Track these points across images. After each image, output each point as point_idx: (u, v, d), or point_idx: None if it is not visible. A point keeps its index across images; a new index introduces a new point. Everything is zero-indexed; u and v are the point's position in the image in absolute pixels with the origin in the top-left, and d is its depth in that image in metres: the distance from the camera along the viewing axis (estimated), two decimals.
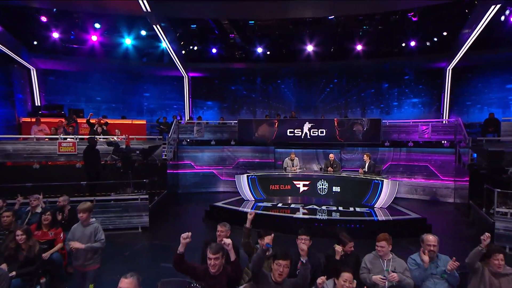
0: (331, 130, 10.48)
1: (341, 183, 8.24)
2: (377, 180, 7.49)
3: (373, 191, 7.55)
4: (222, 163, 11.39)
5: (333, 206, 7.59)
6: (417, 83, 12.99)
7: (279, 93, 14.36)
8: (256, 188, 8.39)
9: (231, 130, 11.30)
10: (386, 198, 7.29)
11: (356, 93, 13.80)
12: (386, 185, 7.31)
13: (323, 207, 7.53)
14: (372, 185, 7.58)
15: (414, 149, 10.41)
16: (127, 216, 6.56)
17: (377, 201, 7.45)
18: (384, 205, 7.36)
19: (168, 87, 14.24)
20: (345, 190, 8.15)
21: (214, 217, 7.32)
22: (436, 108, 12.68)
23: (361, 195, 7.81)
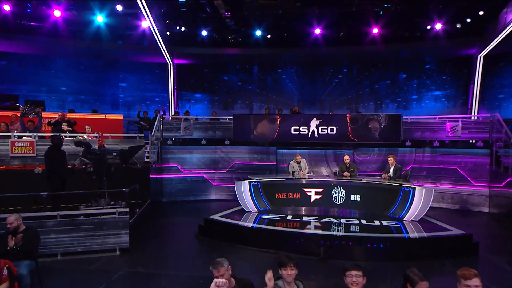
0: (343, 127, 10.05)
1: (362, 191, 7.75)
2: (407, 188, 6.99)
3: (402, 201, 7.05)
4: (214, 166, 10.89)
5: (353, 219, 7.05)
6: (440, 73, 12.79)
7: (280, 85, 14.01)
8: (259, 197, 7.80)
9: (225, 128, 10.81)
10: (419, 210, 6.80)
11: (369, 85, 13.55)
12: (419, 194, 6.81)
13: (342, 219, 6.99)
14: (401, 193, 7.08)
15: (440, 150, 10.06)
16: (101, 235, 5.84)
17: (406, 213, 6.95)
18: (415, 218, 6.87)
19: (149, 76, 13.63)
20: (367, 199, 7.66)
21: (210, 233, 6.75)
22: (462, 102, 12.48)
23: (386, 206, 7.32)
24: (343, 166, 8.74)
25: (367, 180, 7.86)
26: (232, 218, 7.15)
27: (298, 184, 8.15)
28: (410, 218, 6.90)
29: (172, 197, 10.52)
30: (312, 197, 8.09)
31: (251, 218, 7.24)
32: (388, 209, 7.27)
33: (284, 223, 6.81)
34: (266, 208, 7.83)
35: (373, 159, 10.70)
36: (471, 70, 11.92)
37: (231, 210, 7.91)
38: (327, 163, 10.96)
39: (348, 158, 8.70)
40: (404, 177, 8.01)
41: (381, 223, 6.69)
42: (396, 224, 6.62)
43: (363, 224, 6.68)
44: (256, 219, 7.15)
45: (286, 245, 5.90)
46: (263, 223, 6.79)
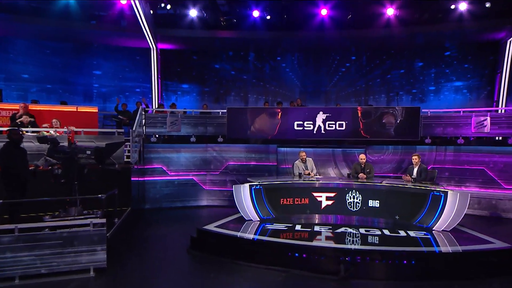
0: (354, 122, 9.70)
1: (381, 195, 7.31)
2: (437, 192, 6.55)
3: (431, 207, 6.61)
4: (205, 167, 10.43)
5: (373, 229, 6.61)
6: (462, 61, 12.53)
7: (279, 74, 13.66)
8: (262, 202, 7.30)
9: (217, 123, 10.36)
10: (452, 218, 6.37)
11: (380, 75, 13.26)
12: (453, 199, 6.37)
13: (360, 229, 6.54)
14: (430, 199, 6.64)
15: (465, 148, 9.71)
16: (71, 252, 5.20)
17: (436, 222, 6.53)
18: (447, 228, 6.45)
19: (129, 63, 13.06)
20: (387, 205, 7.23)
21: (205, 247, 6.22)
22: (487, 94, 12.22)
23: (411, 213, 6.90)
24: (357, 167, 8.30)
25: (387, 183, 7.39)
26: (230, 228, 6.67)
27: (307, 188, 7.69)
28: (441, 228, 6.48)
29: (157, 204, 10.03)
30: (323, 202, 7.64)
31: (253, 228, 6.77)
32: (414, 217, 6.84)
33: (292, 234, 6.37)
34: (270, 216, 7.36)
35: (387, 159, 10.34)
36: (497, 57, 11.68)
37: (229, 218, 7.43)
38: (335, 164, 10.57)
39: (364, 158, 8.25)
40: (431, 179, 7.57)
41: (407, 234, 6.26)
42: (425, 235, 6.22)
43: (387, 235, 6.27)
44: (258, 229, 6.68)
45: (296, 262, 5.42)
46: (266, 234, 6.35)
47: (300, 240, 5.97)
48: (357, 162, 8.46)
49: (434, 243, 5.89)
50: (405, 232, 6.34)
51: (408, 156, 9.94)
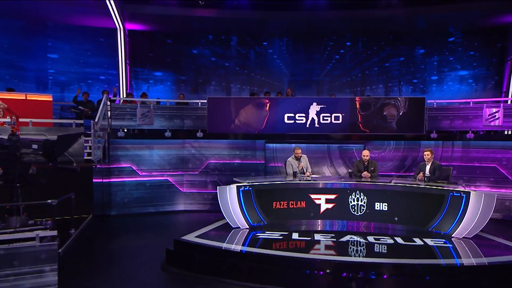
0: (351, 114, 9.32)
1: (390, 197, 6.79)
2: (457, 192, 6.04)
3: (450, 211, 6.11)
4: (182, 167, 9.87)
5: (383, 236, 6.08)
6: (467, 47, 12.25)
7: (266, 62, 13.14)
8: (251, 206, 6.65)
9: (196, 115, 9.80)
10: (475, 224, 5.88)
11: (377, 63, 12.92)
12: (476, 201, 5.86)
13: (368, 237, 6.01)
14: (449, 201, 6.13)
15: (474, 143, 9.44)
16: (10, 275, 4.34)
17: (456, 228, 6.04)
18: (468, 235, 5.96)
19: (92, 45, 12.16)
20: (397, 209, 6.72)
21: (184, 262, 5.52)
22: (494, 84, 12.02)
23: (426, 217, 6.41)
24: (360, 164, 7.77)
25: (397, 183, 6.84)
26: (213, 238, 5.99)
27: (303, 189, 7.09)
28: (462, 235, 5.98)
29: (125, 209, 9.31)
30: (322, 206, 7.06)
31: (241, 237, 6.12)
32: (429, 222, 6.32)
33: (289, 244, 5.76)
34: (261, 222, 6.71)
35: (388, 156, 10.00)
36: (506, 44, 11.49)
37: (212, 226, 6.74)
38: (331, 161, 10.14)
39: (368, 154, 7.72)
40: (445, 178, 7.09)
41: (424, 242, 5.74)
42: (443, 244, 5.71)
43: (401, 244, 5.72)
44: (247, 238, 6.04)
45: (295, 279, 4.83)
46: (257, 244, 5.71)
47: (299, 252, 5.36)
48: (359, 159, 7.94)
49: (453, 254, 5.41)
50: (421, 240, 5.84)
51: (412, 153, 9.80)
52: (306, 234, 6.26)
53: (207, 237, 6.01)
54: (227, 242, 5.83)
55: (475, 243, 5.78)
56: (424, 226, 6.33)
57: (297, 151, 7.82)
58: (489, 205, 5.79)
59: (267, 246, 5.65)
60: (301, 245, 5.79)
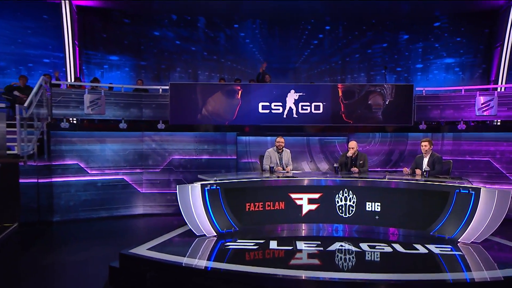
0: (333, 103, 8.69)
1: (383, 196, 5.93)
2: (465, 189, 5.20)
3: (455, 211, 5.29)
4: (141, 163, 8.93)
5: (379, 243, 5.18)
6: (453, 33, 11.76)
7: (237, 46, 12.29)
8: (220, 209, 5.61)
9: (157, 104, 8.88)
10: (486, 227, 5.08)
11: (359, 49, 12.26)
12: (488, 199, 5.05)
13: (361, 244, 5.11)
14: (454, 199, 5.29)
15: (466, 135, 8.90)
16: None
17: (463, 232, 5.23)
18: (477, 239, 5.15)
19: (33, 23, 10.76)
20: (392, 209, 5.86)
21: (132, 283, 4.47)
22: (482, 73, 11.61)
23: (427, 219, 5.57)
24: (344, 157, 6.87)
25: (390, 179, 5.94)
26: (172, 250, 4.92)
27: (282, 187, 6.09)
28: (470, 240, 5.15)
29: (71, 214, 8.16)
30: (304, 207, 6.10)
31: (206, 248, 5.07)
32: (431, 224, 5.46)
33: (265, 256, 4.81)
34: (231, 228, 5.67)
35: (374, 150, 9.35)
36: (494, 29, 11.11)
37: (171, 234, 5.66)
38: (311, 156, 9.41)
39: (356, 146, 6.82)
40: (446, 173, 6.28)
41: (428, 249, 4.89)
42: (449, 251, 4.88)
43: (402, 253, 4.82)
44: (214, 250, 5.02)
45: None
46: (226, 257, 4.71)
47: (278, 267, 4.31)
48: (345, 152, 7.04)
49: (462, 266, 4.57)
50: (423, 247, 4.99)
51: (399, 146, 9.28)
52: (287, 242, 5.30)
53: (163, 249, 4.91)
54: (189, 255, 4.74)
55: (486, 249, 4.98)
56: (425, 229, 5.47)
57: (280, 141, 6.87)
58: (503, 204, 4.98)
59: (238, 259, 4.67)
60: (281, 257, 4.84)
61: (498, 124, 9.01)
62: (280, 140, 6.83)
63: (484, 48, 11.45)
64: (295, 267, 4.54)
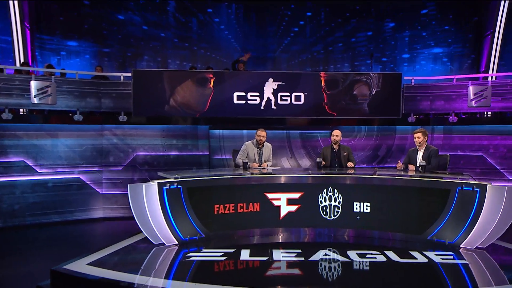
0: (315, 94, 8.15)
1: (373, 195, 5.26)
2: (468, 186, 4.56)
3: (457, 212, 4.65)
4: (101, 161, 8.15)
5: (370, 251, 4.49)
6: (441, 21, 11.29)
7: (211, 33, 11.57)
8: (182, 212, 4.83)
9: (118, 93, 8.06)
10: (493, 230, 4.45)
11: (343, 38, 11.70)
12: (496, 197, 4.42)
13: (349, 253, 4.41)
14: (456, 198, 4.64)
15: (457, 128, 8.47)
16: None
17: (466, 235, 4.60)
18: (482, 244, 4.52)
19: None
20: (384, 210, 5.19)
21: None
22: (471, 63, 11.19)
23: (424, 221, 4.93)
24: (327, 151, 6.21)
25: (382, 175, 5.25)
26: (119, 265, 4.09)
27: (257, 186, 5.33)
28: (474, 245, 4.51)
29: (15, 219, 7.23)
30: (283, 208, 5.35)
31: (164, 261, 4.25)
32: (429, 227, 4.80)
33: (236, 270, 4.06)
34: (196, 235, 4.86)
35: (359, 145, 8.80)
36: (484, 17, 10.75)
37: (124, 243, 4.84)
38: (291, 152, 8.78)
39: (340, 135, 6.18)
40: (443, 168, 5.64)
41: (428, 257, 4.24)
42: (452, 260, 4.27)
43: (396, 262, 4.15)
44: (174, 263, 4.21)
45: None
46: (188, 274, 3.93)
47: (250, 286, 3.56)
48: (327, 145, 6.40)
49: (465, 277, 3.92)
50: (421, 255, 4.34)
51: (386, 141, 8.73)
52: (261, 250, 4.56)
53: (109, 263, 4.08)
54: (142, 272, 3.89)
55: (493, 256, 4.36)
56: (421, 233, 4.80)
57: (261, 135, 6.11)
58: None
59: (202, 275, 3.91)
60: (254, 270, 4.09)
61: (492, 116, 8.61)
62: (262, 134, 6.07)
63: (473, 37, 11.10)
64: (270, 283, 3.78)
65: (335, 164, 6.09)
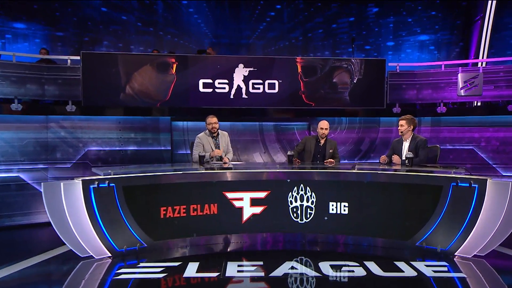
0: (291, 81, 7.57)
1: (353, 193, 4.49)
2: (464, 182, 3.84)
3: (451, 213, 3.95)
4: (46, 157, 7.40)
5: (348, 262, 3.73)
6: (428, 6, 10.73)
7: (179, 18, 10.82)
8: (116, 217, 4.02)
9: (64, 79, 7.24)
10: (494, 233, 3.73)
11: (323, 23, 11.03)
12: (498, 195, 3.71)
13: (322, 265, 3.64)
14: (449, 196, 3.93)
15: (446, 119, 7.98)
16: None
17: (462, 241, 3.90)
18: (482, 251, 3.85)
19: None
20: (364, 212, 4.43)
21: None
22: (459, 52, 10.69)
23: (411, 224, 4.19)
24: (311, 142, 5.52)
25: (362, 169, 4.50)
26: (24, 287, 3.17)
27: (214, 184, 4.49)
28: (472, 252, 3.80)
29: None
30: (246, 210, 4.56)
31: (91, 282, 3.40)
32: (417, 231, 4.07)
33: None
34: (136, 244, 4.02)
35: (340, 138, 8.18)
36: (473, 2, 10.30)
37: (45, 256, 4.07)
38: (264, 146, 8.14)
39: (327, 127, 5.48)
40: (433, 161, 4.95)
41: (417, 270, 3.50)
42: (446, 272, 3.59)
43: (379, 277, 3.40)
44: (104, 284, 3.35)
45: None
46: None
47: None
48: (311, 136, 5.73)
49: None
50: (409, 266, 3.62)
51: (369, 134, 8.21)
52: (214, 263, 3.76)
53: (14, 284, 3.18)
54: None
55: (495, 267, 3.66)
56: (409, 238, 4.07)
57: (212, 121, 5.27)
58: None
59: None
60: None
61: (483, 106, 8.12)
62: (213, 120, 5.25)
63: (462, 23, 10.63)
64: None
65: (317, 161, 5.34)
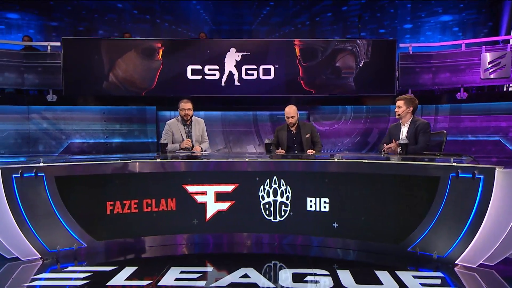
0: (288, 66, 7.22)
1: (334, 187, 3.82)
2: (466, 172, 3.10)
3: (451, 210, 3.22)
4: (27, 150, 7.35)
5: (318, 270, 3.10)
6: None
7: (177, 4, 10.58)
8: (48, 211, 3.54)
9: (45, 67, 7.06)
10: (506, 237, 2.94)
11: (331, 6, 10.46)
12: (510, 188, 2.90)
13: (285, 274, 3.04)
14: (448, 189, 3.19)
15: (468, 106, 7.32)
16: None
17: (465, 245, 3.15)
18: (490, 260, 3.12)
19: None
20: (347, 209, 3.73)
21: None
22: (487, 33, 9.75)
23: (403, 225, 3.47)
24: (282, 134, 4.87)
25: (344, 159, 3.80)
26: None
27: (172, 176, 3.92)
28: (477, 261, 3.03)
29: None
30: (210, 207, 3.97)
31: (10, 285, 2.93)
32: (409, 233, 3.35)
33: None
34: (73, 244, 3.52)
35: (344, 129, 7.72)
36: None
37: None
38: (259, 138, 7.78)
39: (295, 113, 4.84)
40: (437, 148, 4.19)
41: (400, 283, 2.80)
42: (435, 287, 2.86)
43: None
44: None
45: None
46: None
47: None
48: (281, 126, 5.13)
49: None
50: (392, 278, 2.93)
51: (378, 124, 7.71)
52: (154, 268, 3.18)
53: None
54: None
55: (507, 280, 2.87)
56: (399, 241, 3.35)
57: (185, 107, 4.63)
58: None
59: None
60: None
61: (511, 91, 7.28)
62: (186, 106, 4.61)
63: (492, 1, 9.70)
64: None
65: (294, 151, 4.68)
